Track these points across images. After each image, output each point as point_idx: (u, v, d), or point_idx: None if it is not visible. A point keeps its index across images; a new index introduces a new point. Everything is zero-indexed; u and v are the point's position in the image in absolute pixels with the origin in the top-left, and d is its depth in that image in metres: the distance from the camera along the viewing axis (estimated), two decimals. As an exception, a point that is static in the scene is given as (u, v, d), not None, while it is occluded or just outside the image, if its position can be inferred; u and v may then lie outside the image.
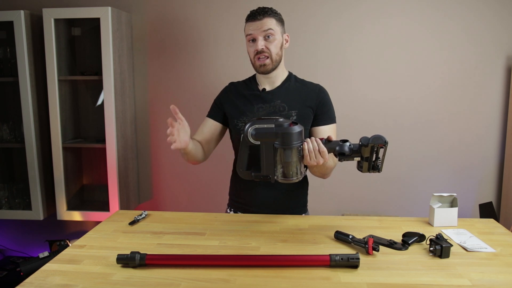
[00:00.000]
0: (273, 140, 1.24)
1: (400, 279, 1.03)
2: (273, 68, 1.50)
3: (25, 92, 2.17)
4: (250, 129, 1.27)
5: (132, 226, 1.42)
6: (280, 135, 1.23)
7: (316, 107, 1.52)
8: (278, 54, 1.48)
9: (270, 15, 1.45)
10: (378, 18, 2.23)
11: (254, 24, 1.45)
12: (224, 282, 1.02)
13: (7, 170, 2.47)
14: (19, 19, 2.11)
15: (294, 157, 1.24)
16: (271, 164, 1.26)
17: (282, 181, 1.28)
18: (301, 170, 1.27)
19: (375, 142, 1.16)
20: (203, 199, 2.45)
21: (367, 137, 1.19)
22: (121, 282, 1.03)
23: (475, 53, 2.22)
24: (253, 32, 1.45)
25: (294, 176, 1.26)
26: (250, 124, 1.28)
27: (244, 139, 1.29)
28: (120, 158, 2.22)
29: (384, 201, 2.36)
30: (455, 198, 1.42)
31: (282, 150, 1.23)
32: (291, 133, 1.22)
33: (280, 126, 1.23)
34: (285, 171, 1.26)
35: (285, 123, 1.24)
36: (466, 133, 2.28)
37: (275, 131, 1.23)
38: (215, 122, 1.59)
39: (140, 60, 2.39)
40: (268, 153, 1.26)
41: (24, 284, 1.02)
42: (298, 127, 1.24)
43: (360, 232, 1.33)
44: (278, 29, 1.47)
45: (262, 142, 1.26)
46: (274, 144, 1.24)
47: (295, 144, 1.23)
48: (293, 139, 1.22)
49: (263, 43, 1.45)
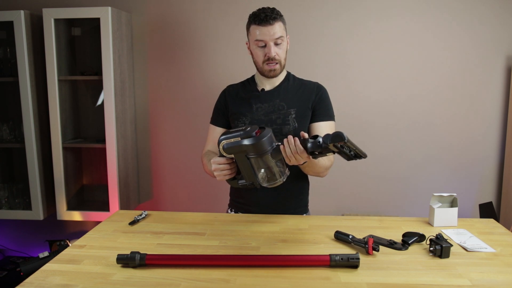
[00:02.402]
0: (244, 152, 1.20)
1: (400, 279, 1.03)
2: (280, 72, 1.51)
3: (25, 92, 2.17)
4: (220, 144, 1.24)
5: (132, 226, 1.42)
6: (250, 146, 1.18)
7: (314, 104, 1.52)
8: (285, 59, 1.50)
9: (279, 19, 1.43)
10: (377, 18, 2.23)
11: (266, 29, 1.41)
12: (224, 282, 1.02)
13: (7, 170, 2.47)
14: (19, 19, 2.11)
15: (271, 162, 1.22)
16: (251, 173, 1.24)
17: (267, 185, 1.26)
18: (284, 171, 1.25)
19: (334, 141, 1.10)
20: (203, 199, 2.45)
21: (329, 134, 1.12)
22: (121, 282, 1.03)
23: (475, 53, 2.22)
24: (264, 38, 1.42)
25: (278, 179, 1.24)
26: (220, 138, 1.25)
27: (220, 152, 1.27)
28: (120, 158, 2.22)
29: (384, 201, 2.37)
30: (455, 198, 1.42)
31: (256, 158, 1.21)
32: (259, 142, 1.17)
33: (248, 137, 1.18)
34: (267, 175, 1.24)
35: (252, 132, 1.19)
36: (466, 133, 2.28)
37: (243, 143, 1.19)
38: (220, 128, 1.60)
39: (140, 60, 2.39)
40: (244, 164, 1.23)
41: (24, 284, 1.02)
42: (266, 132, 1.20)
43: (360, 232, 1.33)
44: (285, 33, 1.47)
45: (235, 155, 1.23)
46: (247, 156, 1.21)
47: (268, 150, 1.19)
48: (264, 146, 1.18)
49: (275, 50, 1.44)
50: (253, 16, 1.45)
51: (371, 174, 2.34)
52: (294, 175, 1.55)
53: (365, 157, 1.15)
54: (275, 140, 1.23)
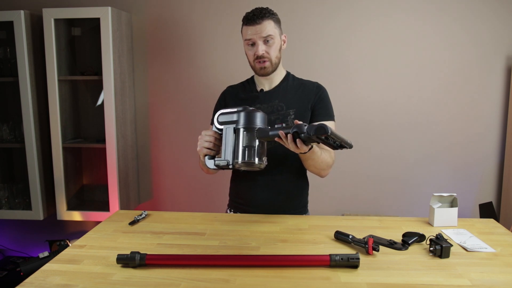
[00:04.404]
0: (235, 123, 1.26)
1: (400, 279, 1.03)
2: (272, 70, 1.50)
3: (25, 92, 2.17)
4: (216, 114, 1.31)
5: (132, 226, 1.42)
6: (242, 115, 1.25)
7: (314, 104, 1.52)
8: (277, 57, 1.49)
9: (268, 17, 1.43)
10: (377, 17, 2.23)
11: (253, 28, 1.43)
12: (224, 282, 1.02)
13: (7, 170, 2.47)
14: (19, 19, 2.11)
15: (255, 141, 1.24)
16: (231, 147, 1.26)
17: (242, 166, 1.25)
18: (263, 159, 1.26)
19: (318, 133, 1.12)
20: (203, 199, 2.45)
21: (313, 125, 1.14)
22: (121, 282, 1.03)
23: (475, 53, 2.22)
24: (253, 37, 1.44)
25: (255, 162, 1.24)
26: (218, 113, 1.31)
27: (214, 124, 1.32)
28: (120, 158, 2.22)
29: (384, 201, 2.37)
30: (455, 198, 1.42)
31: (243, 132, 1.24)
32: (252, 113, 1.24)
33: (243, 111, 1.26)
34: (247, 154, 1.24)
35: (250, 108, 1.27)
36: (466, 133, 2.28)
37: (236, 114, 1.26)
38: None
39: (140, 60, 2.39)
40: (229, 136, 1.26)
41: (24, 284, 1.02)
42: (261, 113, 1.27)
43: (360, 232, 1.33)
44: (277, 31, 1.46)
45: (225, 126, 1.28)
46: (235, 127, 1.26)
47: (257, 125, 1.24)
48: (255, 119, 1.24)
49: (263, 48, 1.44)
50: (244, 16, 1.46)
51: (371, 174, 2.34)
52: (294, 176, 1.55)
53: (350, 147, 1.17)
54: (267, 125, 1.28)
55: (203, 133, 1.34)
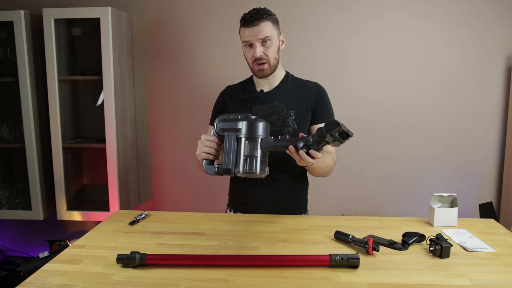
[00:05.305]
0: (237, 131, 1.27)
1: (400, 279, 1.03)
2: (271, 72, 1.49)
3: (25, 92, 2.17)
4: (217, 120, 1.32)
5: (132, 226, 1.42)
6: (245, 125, 1.26)
7: (314, 105, 1.51)
8: (275, 58, 1.48)
9: (266, 18, 1.42)
10: (377, 17, 2.23)
11: (251, 30, 1.42)
12: (224, 282, 1.02)
13: (7, 170, 2.47)
14: (19, 19, 2.11)
15: (257, 151, 1.25)
16: (233, 156, 1.27)
17: (243, 175, 1.26)
18: (264, 168, 1.27)
19: (331, 130, 1.13)
20: (203, 199, 2.45)
21: (321, 128, 1.16)
22: (121, 282, 1.03)
23: (475, 53, 2.22)
24: (250, 39, 1.43)
25: (257, 172, 1.25)
26: (218, 117, 1.32)
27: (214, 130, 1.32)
28: (120, 158, 2.22)
29: (384, 201, 2.37)
30: (455, 198, 1.42)
31: (245, 142, 1.25)
32: (255, 123, 1.25)
33: (245, 119, 1.27)
34: (248, 164, 1.24)
35: (251, 116, 1.28)
36: (466, 133, 2.28)
37: (239, 122, 1.27)
38: None
39: (140, 60, 2.39)
40: (231, 144, 1.27)
41: (24, 284, 1.02)
42: (264, 123, 1.28)
43: (360, 232, 1.33)
44: (275, 32, 1.45)
45: (227, 133, 1.28)
46: (237, 136, 1.27)
47: (260, 136, 1.25)
48: (258, 129, 1.25)
49: (261, 50, 1.43)
50: (241, 18, 1.46)
51: (371, 174, 2.34)
52: (294, 175, 1.55)
53: (352, 135, 1.18)
54: (269, 134, 1.29)
55: (203, 137, 1.34)
